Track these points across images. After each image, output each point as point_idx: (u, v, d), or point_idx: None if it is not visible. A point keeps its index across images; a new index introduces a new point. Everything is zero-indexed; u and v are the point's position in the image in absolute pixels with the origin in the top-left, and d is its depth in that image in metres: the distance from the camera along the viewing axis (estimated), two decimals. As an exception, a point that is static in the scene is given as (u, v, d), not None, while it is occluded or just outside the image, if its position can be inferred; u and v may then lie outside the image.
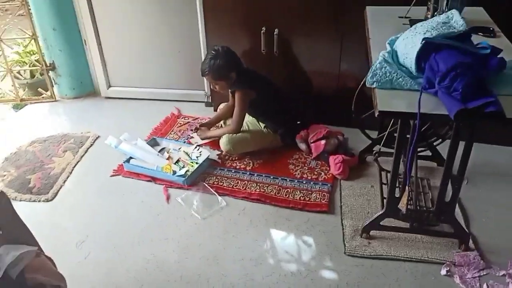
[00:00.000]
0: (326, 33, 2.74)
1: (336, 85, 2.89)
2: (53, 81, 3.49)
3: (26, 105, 3.47)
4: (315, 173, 2.58)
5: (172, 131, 3.06)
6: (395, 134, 1.95)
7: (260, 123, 2.79)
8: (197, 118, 3.21)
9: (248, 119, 2.78)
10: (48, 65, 3.39)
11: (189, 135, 2.98)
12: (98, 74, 3.46)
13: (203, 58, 3.09)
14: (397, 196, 1.97)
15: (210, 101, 3.34)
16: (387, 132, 2.37)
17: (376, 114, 1.55)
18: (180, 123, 3.15)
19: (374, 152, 2.48)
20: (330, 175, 2.55)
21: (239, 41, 2.90)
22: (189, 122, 3.16)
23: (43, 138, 3.00)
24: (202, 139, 2.85)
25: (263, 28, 2.77)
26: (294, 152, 2.76)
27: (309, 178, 2.53)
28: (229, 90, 2.69)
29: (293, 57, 2.88)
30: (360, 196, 2.40)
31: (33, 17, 3.24)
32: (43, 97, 3.51)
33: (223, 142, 2.64)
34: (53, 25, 3.23)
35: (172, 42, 3.26)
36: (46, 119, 3.31)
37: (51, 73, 3.44)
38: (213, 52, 2.56)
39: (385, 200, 2.10)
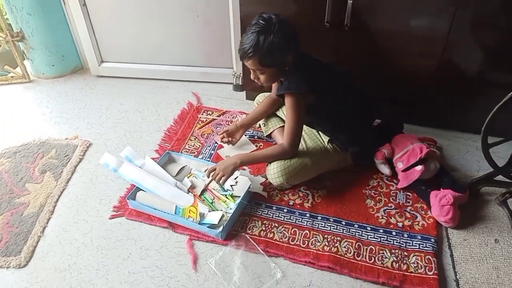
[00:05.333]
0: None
1: (434, 76, 1.98)
2: (24, 56, 2.56)
3: (-10, 88, 2.59)
4: (408, 215, 1.76)
5: (191, 135, 2.19)
6: None
7: (321, 134, 1.91)
8: (224, 112, 2.32)
9: (304, 128, 1.91)
10: (15, 34, 2.44)
11: (216, 142, 2.12)
12: (85, 45, 2.52)
13: (231, 24, 2.16)
14: None
15: (240, 83, 2.43)
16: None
17: None
18: (202, 121, 2.28)
19: (504, 192, 1.64)
20: (431, 220, 1.73)
21: (288, 6, 1.94)
22: (214, 119, 2.28)
23: (12, 148, 2.16)
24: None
25: (330, -11, 1.81)
26: (370, 175, 1.93)
27: (401, 226, 1.72)
28: (276, 88, 1.78)
29: (372, 33, 1.93)
30: (482, 260, 1.60)
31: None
32: (12, 77, 2.60)
33: (273, 173, 1.78)
34: (15, -22, 2.26)
35: (188, 1, 2.28)
36: (15, 111, 2.43)
37: (20, 45, 2.51)
38: (262, 22, 1.58)
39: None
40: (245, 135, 2.11)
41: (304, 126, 1.89)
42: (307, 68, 1.70)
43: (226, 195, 1.83)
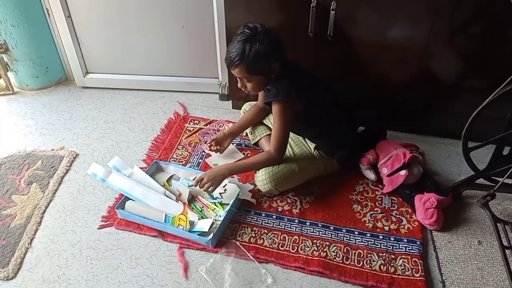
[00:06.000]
0: (409, 8, 1.84)
1: (414, 84, 2.05)
2: (7, 67, 2.54)
3: (-27, 100, 2.56)
4: (394, 219, 1.80)
5: (179, 144, 2.21)
6: None
7: (307, 141, 1.95)
8: (211, 122, 2.34)
9: (290, 135, 1.94)
10: (-2, 46, 2.44)
11: (203, 151, 2.14)
12: (70, 57, 2.52)
13: (217, 35, 2.20)
14: None
15: (226, 92, 2.46)
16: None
17: None
18: (189, 130, 2.29)
19: (485, 194, 1.70)
20: (417, 223, 1.77)
21: (273, 17, 1.98)
22: (201, 128, 2.30)
23: (-3, 160, 2.14)
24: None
25: (314, 1, 1.86)
26: (355, 181, 1.97)
27: (387, 229, 1.76)
28: (262, 97, 1.82)
29: (354, 43, 1.98)
30: (466, 261, 1.65)
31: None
32: (-5, 89, 2.58)
33: (261, 180, 1.81)
34: (0, -10, 2.26)
35: (173, 13, 2.31)
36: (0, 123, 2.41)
37: (4, 57, 2.49)
38: (248, 31, 1.63)
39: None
40: (233, 144, 2.13)
41: (291, 133, 1.93)
42: (293, 75, 1.74)
43: (215, 203, 1.84)
